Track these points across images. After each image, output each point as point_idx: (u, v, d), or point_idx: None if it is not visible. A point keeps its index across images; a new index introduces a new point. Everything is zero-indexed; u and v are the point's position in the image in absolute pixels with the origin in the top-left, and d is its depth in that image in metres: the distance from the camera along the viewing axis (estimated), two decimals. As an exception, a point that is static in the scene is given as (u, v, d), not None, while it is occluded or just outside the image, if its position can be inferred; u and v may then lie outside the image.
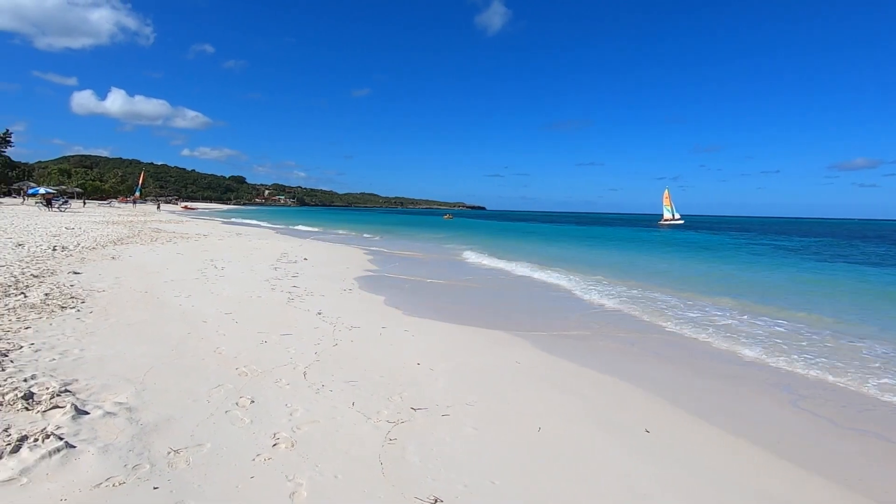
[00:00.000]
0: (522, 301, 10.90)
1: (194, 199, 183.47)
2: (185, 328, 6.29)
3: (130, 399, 3.83)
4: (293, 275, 11.93)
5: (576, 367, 6.12)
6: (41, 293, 7.31)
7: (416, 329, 7.41)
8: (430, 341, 6.79)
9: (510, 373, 5.71)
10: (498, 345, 6.93)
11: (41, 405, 3.40)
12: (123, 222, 28.91)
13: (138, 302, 7.60)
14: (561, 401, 4.91)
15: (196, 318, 6.91)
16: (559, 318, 9.14)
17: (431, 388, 4.91)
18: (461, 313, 8.95)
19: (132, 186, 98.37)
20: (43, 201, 42.40)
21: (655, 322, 9.03)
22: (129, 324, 6.21)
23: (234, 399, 4.11)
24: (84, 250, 13.48)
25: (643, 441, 4.15)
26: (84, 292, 7.82)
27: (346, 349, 6.01)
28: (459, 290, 11.87)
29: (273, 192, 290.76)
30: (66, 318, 6.11)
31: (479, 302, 10.54)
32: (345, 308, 8.52)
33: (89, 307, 6.86)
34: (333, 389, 4.61)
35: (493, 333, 7.54)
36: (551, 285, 13.00)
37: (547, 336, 7.62)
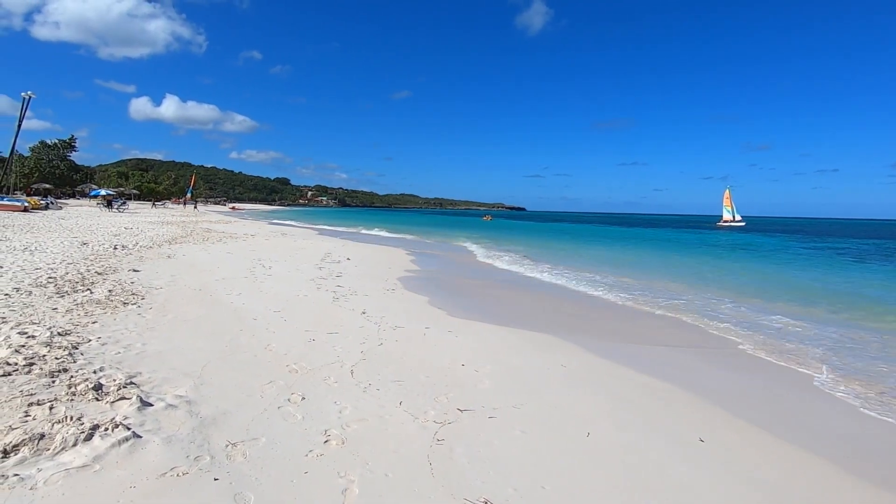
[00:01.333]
0: (568, 304, 10.73)
1: (241, 200, 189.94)
2: (237, 325, 6.51)
3: (189, 392, 3.99)
4: (337, 274, 12.16)
5: (624, 371, 5.98)
6: (105, 290, 7.72)
7: (459, 330, 7.41)
8: (473, 343, 6.78)
9: (556, 376, 5.63)
10: (542, 347, 6.84)
11: (109, 396, 3.59)
12: (177, 223, 30.24)
13: (193, 299, 7.92)
14: (610, 406, 4.80)
15: (247, 315, 7.14)
16: (607, 323, 8.96)
17: (477, 390, 4.90)
18: (504, 315, 8.89)
19: (184, 188, 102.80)
20: (104, 202, 44.89)
21: (713, 331, 8.72)
22: (185, 320, 6.48)
23: (286, 395, 4.22)
24: (142, 249, 14.17)
25: (698, 451, 4.01)
26: (143, 289, 8.21)
27: (391, 349, 6.07)
28: (502, 292, 11.81)
29: (316, 193, 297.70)
30: (128, 313, 6.43)
31: (522, 304, 10.44)
32: (388, 308, 8.61)
33: (149, 303, 7.20)
34: (380, 388, 4.66)
35: (538, 336, 7.45)
36: (598, 288, 12.76)
37: (593, 340, 7.47)
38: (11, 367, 3.87)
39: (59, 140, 74.97)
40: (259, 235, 23.61)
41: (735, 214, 67.51)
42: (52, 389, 3.60)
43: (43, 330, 5.04)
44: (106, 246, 13.92)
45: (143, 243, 15.70)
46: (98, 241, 15.04)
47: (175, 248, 15.13)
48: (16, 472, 2.62)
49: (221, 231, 24.75)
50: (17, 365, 3.91)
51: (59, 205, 43.42)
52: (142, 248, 14.28)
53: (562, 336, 7.57)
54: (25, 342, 4.58)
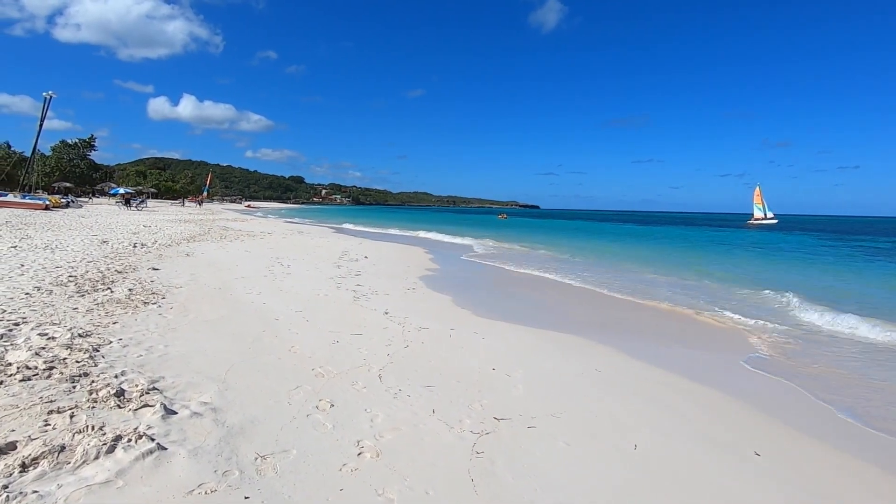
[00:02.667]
0: (597, 304, 10.43)
1: (256, 198, 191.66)
2: (260, 326, 6.33)
3: (214, 399, 3.80)
4: (356, 273, 11.98)
5: (662, 375, 5.69)
6: (125, 289, 7.61)
7: (486, 331, 7.17)
8: (501, 344, 6.53)
9: (592, 380, 5.37)
10: (573, 350, 6.57)
11: (132, 403, 3.41)
12: (194, 220, 30.40)
13: (214, 298, 7.78)
14: (654, 414, 4.52)
15: (269, 315, 6.97)
16: (641, 324, 8.64)
17: (511, 396, 4.65)
18: (530, 315, 8.63)
19: (200, 186, 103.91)
20: (122, 200, 45.40)
21: (766, 337, 8.37)
22: (206, 320, 6.32)
23: (314, 402, 4.01)
24: (161, 247, 14.14)
25: (754, 465, 3.72)
26: (163, 288, 8.09)
27: (417, 351, 5.85)
28: (526, 291, 11.53)
29: (330, 191, 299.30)
30: (148, 313, 6.29)
31: (548, 304, 10.15)
32: (411, 307, 8.40)
33: (169, 303, 7.06)
34: (411, 395, 4.43)
35: (567, 338, 7.18)
36: (627, 288, 12.41)
37: (627, 341, 7.17)
38: (31, 371, 3.71)
39: (80, 139, 76.01)
40: (276, 234, 23.57)
41: (766, 212, 65.04)
42: (72, 396, 3.43)
43: (63, 331, 4.90)
44: (125, 244, 13.91)
45: (162, 241, 15.69)
46: (118, 240, 15.05)
47: (193, 247, 15.09)
48: (35, 489, 2.44)
49: (238, 229, 24.77)
50: (37, 369, 3.76)
51: (79, 203, 44.01)
52: (161, 247, 14.25)
53: (593, 337, 7.29)
54: (46, 344, 4.43)
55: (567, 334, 7.41)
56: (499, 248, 23.57)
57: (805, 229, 60.84)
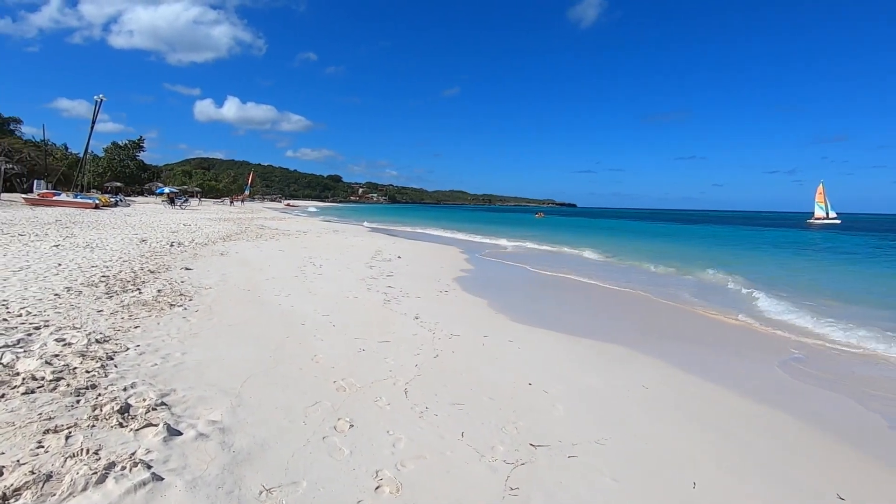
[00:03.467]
0: (644, 309, 9.78)
1: (296, 197, 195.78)
2: (284, 331, 6.08)
3: (225, 416, 3.50)
4: (388, 274, 11.70)
5: (720, 394, 5.11)
6: (154, 290, 7.52)
7: (522, 339, 6.71)
8: (538, 355, 6.07)
9: (638, 399, 4.85)
10: (618, 362, 6.04)
11: (135, 421, 3.15)
12: (233, 219, 30.99)
13: (241, 300, 7.60)
14: (712, 444, 3.98)
15: (295, 319, 6.72)
16: (694, 332, 7.99)
17: (549, 418, 4.20)
18: (570, 321, 8.10)
19: (242, 186, 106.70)
20: (167, 199, 46.91)
21: (850, 350, 7.60)
22: (230, 324, 6.11)
23: (332, 421, 3.67)
24: (197, 246, 14.25)
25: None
26: (192, 289, 7.99)
27: (447, 362, 5.46)
28: (566, 295, 10.97)
29: (367, 190, 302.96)
30: (173, 316, 6.13)
31: (589, 309, 9.57)
32: (443, 312, 8.02)
33: (196, 305, 6.92)
34: (439, 413, 4.05)
35: (611, 348, 6.64)
36: (677, 292, 11.69)
37: (677, 352, 6.57)
38: (37, 382, 3.51)
39: (130, 141, 79.15)
40: (311, 233, 23.66)
41: (829, 211, 60.85)
42: (74, 412, 3.20)
43: (81, 336, 4.74)
44: (163, 243, 14.09)
45: (199, 240, 15.86)
46: (156, 238, 15.29)
47: (228, 246, 15.18)
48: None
49: (275, 228, 25.02)
50: (43, 380, 3.56)
51: (127, 202, 45.72)
52: (197, 246, 14.38)
53: (637, 347, 6.74)
54: (60, 351, 4.27)
55: (609, 343, 6.88)
56: (537, 249, 22.86)
57: (867, 230, 56.44)
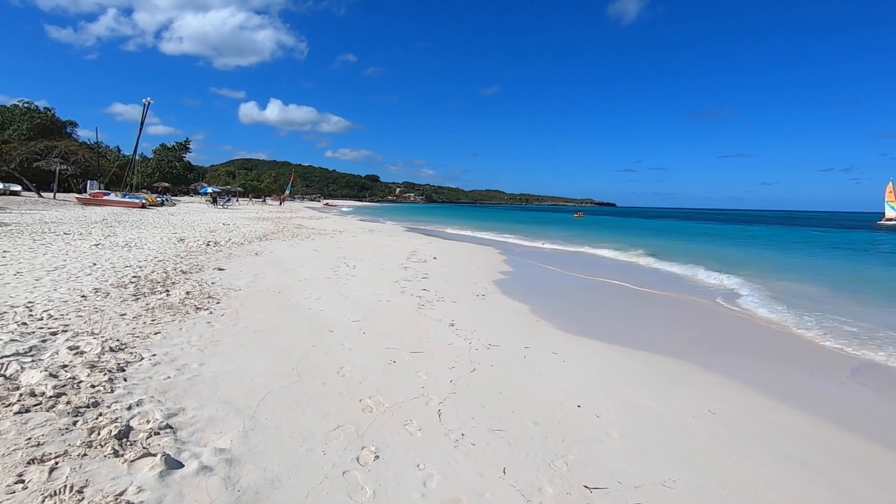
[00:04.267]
0: (704, 318, 8.98)
1: (334, 196, 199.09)
2: (311, 339, 5.70)
3: (235, 443, 3.10)
4: (423, 276, 11.26)
5: (808, 423, 4.40)
6: (182, 291, 7.31)
7: (568, 351, 6.12)
8: (587, 369, 5.47)
9: (708, 428, 4.20)
10: (679, 380, 5.38)
11: (133, 449, 2.78)
12: (271, 218, 31.34)
13: (269, 304, 7.30)
14: (804, 488, 3.32)
15: (323, 325, 6.34)
16: (763, 346, 7.20)
17: (604, 450, 3.62)
18: (621, 331, 7.43)
19: (283, 185, 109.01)
20: (210, 199, 48.15)
21: None
22: (255, 331, 5.78)
23: (356, 451, 3.22)
24: (233, 246, 14.22)
25: None
26: (222, 291, 7.75)
27: (486, 377, 4.94)
28: (616, 301, 10.23)
29: (404, 189, 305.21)
30: (197, 321, 5.85)
31: (641, 317, 8.81)
32: (480, 318, 7.50)
33: (223, 309, 6.64)
34: (476, 442, 3.54)
35: (668, 362, 5.97)
36: (741, 299, 10.80)
37: (747, 368, 5.84)
38: (35, 399, 3.20)
39: (177, 143, 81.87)
40: (346, 232, 23.55)
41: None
42: (68, 436, 2.86)
43: (96, 344, 4.47)
44: (200, 242, 14.12)
45: (236, 240, 15.87)
46: (194, 238, 15.38)
47: (264, 245, 15.10)
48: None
49: (311, 227, 25.05)
50: (42, 396, 3.25)
51: (172, 201, 47.17)
52: (233, 245, 14.34)
53: (699, 361, 6.04)
54: (70, 361, 3.99)
55: (665, 356, 6.20)
56: (578, 251, 21.94)
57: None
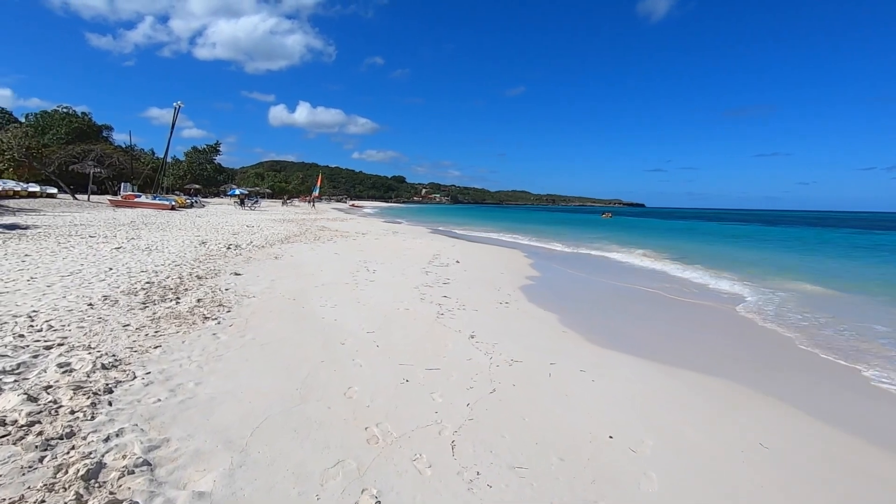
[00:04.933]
0: (750, 331, 8.32)
1: (361, 197, 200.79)
2: (321, 352, 5.35)
3: (218, 484, 2.74)
4: (444, 281, 10.85)
5: (876, 460, 3.81)
6: (194, 299, 7.07)
7: (598, 367, 5.61)
8: (619, 391, 4.96)
9: (762, 466, 3.66)
10: (722, 403, 4.82)
11: (100, 493, 2.43)
12: (296, 220, 31.41)
13: (282, 312, 7.00)
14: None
15: (336, 337, 5.99)
16: (817, 364, 6.54)
17: (641, 494, 3.14)
18: (654, 344, 6.87)
19: (311, 187, 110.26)
20: (238, 200, 48.79)
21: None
22: (263, 343, 5.46)
23: (354, 494, 2.82)
24: (253, 249, 14.08)
25: None
26: (234, 298, 7.49)
27: (506, 399, 4.49)
28: (651, 311, 9.58)
29: (429, 190, 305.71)
30: (202, 332, 5.56)
31: (678, 329, 8.20)
32: (503, 328, 7.05)
33: (233, 317, 6.36)
34: (493, 483, 3.10)
35: (710, 382, 5.40)
36: (791, 312, 10.05)
37: (801, 392, 5.22)
38: (3, 429, 2.90)
39: (207, 145, 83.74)
40: (370, 234, 23.33)
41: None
42: (28, 476, 2.53)
43: (89, 360, 4.19)
44: (221, 245, 14.02)
45: (257, 242, 15.76)
46: (216, 241, 15.32)
47: (285, 248, 14.93)
48: None
49: (335, 229, 24.93)
50: (14, 425, 2.95)
51: (202, 203, 47.96)
52: (253, 248, 14.20)
53: (744, 381, 5.47)
54: (56, 380, 3.70)
55: (708, 376, 5.63)
56: (609, 254, 21.15)
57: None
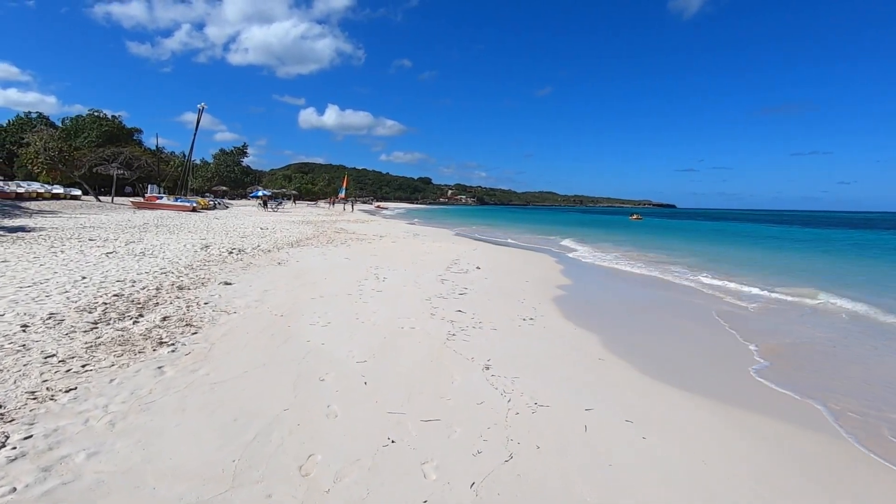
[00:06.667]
0: (845, 358, 6.80)
1: (387, 199, 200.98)
2: (289, 395, 4.16)
3: None
4: (461, 291, 9.59)
5: None
6: (159, 317, 6.00)
7: (647, 413, 4.28)
8: (681, 456, 3.62)
9: None
10: (834, 479, 3.44)
11: None
12: (315, 222, 30.60)
13: (262, 333, 5.86)
14: None
15: (315, 370, 4.80)
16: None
17: None
18: (727, 375, 5.44)
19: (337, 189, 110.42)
20: (261, 202, 48.53)
21: None
22: (216, 381, 4.30)
23: None
24: (258, 253, 13.09)
25: None
26: (211, 315, 6.41)
27: (527, 473, 3.22)
28: (712, 334, 8.10)
29: (455, 192, 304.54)
30: (146, 365, 4.45)
31: (755, 356, 6.73)
32: (526, 355, 5.76)
33: (194, 343, 5.24)
34: None
35: (810, 440, 4.00)
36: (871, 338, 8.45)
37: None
38: None
39: (235, 147, 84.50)
40: (388, 236, 22.22)
41: None
42: None
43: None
44: (224, 249, 13.08)
45: (265, 246, 14.79)
46: (221, 244, 14.42)
47: (293, 252, 13.90)
48: None
49: (353, 232, 23.93)
50: None
51: (224, 204, 47.82)
52: (258, 253, 13.22)
53: (861, 439, 4.05)
54: None
55: (805, 428, 4.23)
56: (647, 258, 19.21)
57: None
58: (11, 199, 28.62)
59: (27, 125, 54.91)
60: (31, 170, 41.15)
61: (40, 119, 61.87)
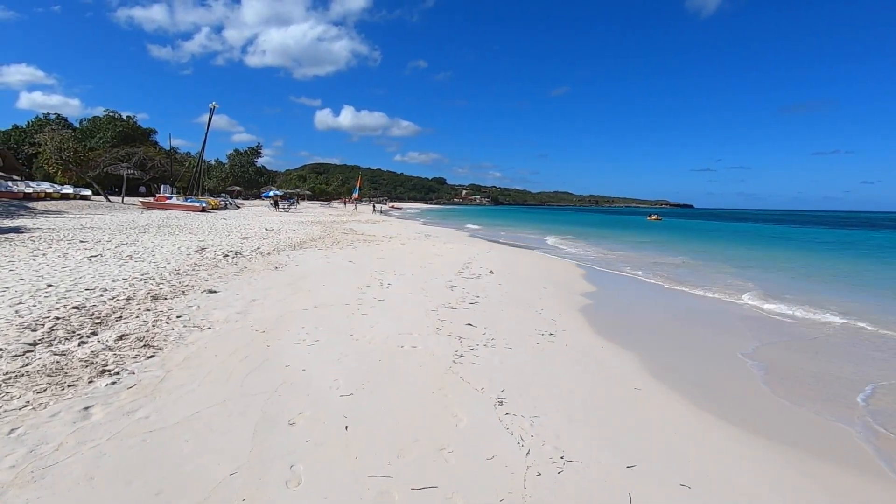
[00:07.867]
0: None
1: (401, 199, 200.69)
2: (244, 448, 3.22)
3: None
4: (471, 300, 8.60)
5: None
6: (115, 334, 5.12)
7: (708, 472, 3.26)
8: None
9: None
10: None
11: None
12: (324, 222, 29.81)
13: (231, 357, 4.93)
14: None
15: (285, 410, 3.86)
16: None
17: None
18: (802, 412, 4.38)
19: (350, 189, 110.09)
20: (272, 202, 48.00)
21: None
22: (154, 429, 3.37)
23: None
24: (256, 256, 12.23)
25: None
26: (179, 332, 5.51)
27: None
28: (765, 348, 7.04)
29: (470, 192, 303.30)
30: (68, 405, 3.54)
31: (828, 377, 5.65)
32: (548, 383, 4.77)
33: (145, 370, 4.34)
34: None
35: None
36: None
37: None
38: None
39: (249, 148, 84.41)
40: (398, 238, 21.29)
41: None
42: None
43: None
44: (219, 253, 12.25)
45: (264, 248, 13.93)
46: (219, 246, 13.60)
47: (293, 255, 13.01)
48: None
49: (362, 232, 23.04)
50: None
51: (236, 205, 47.34)
52: (256, 256, 12.36)
53: None
54: None
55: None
56: (680, 263, 17.96)
57: None
58: (19, 198, 28.32)
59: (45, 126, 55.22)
60: (47, 170, 41.18)
61: (57, 120, 62.24)
